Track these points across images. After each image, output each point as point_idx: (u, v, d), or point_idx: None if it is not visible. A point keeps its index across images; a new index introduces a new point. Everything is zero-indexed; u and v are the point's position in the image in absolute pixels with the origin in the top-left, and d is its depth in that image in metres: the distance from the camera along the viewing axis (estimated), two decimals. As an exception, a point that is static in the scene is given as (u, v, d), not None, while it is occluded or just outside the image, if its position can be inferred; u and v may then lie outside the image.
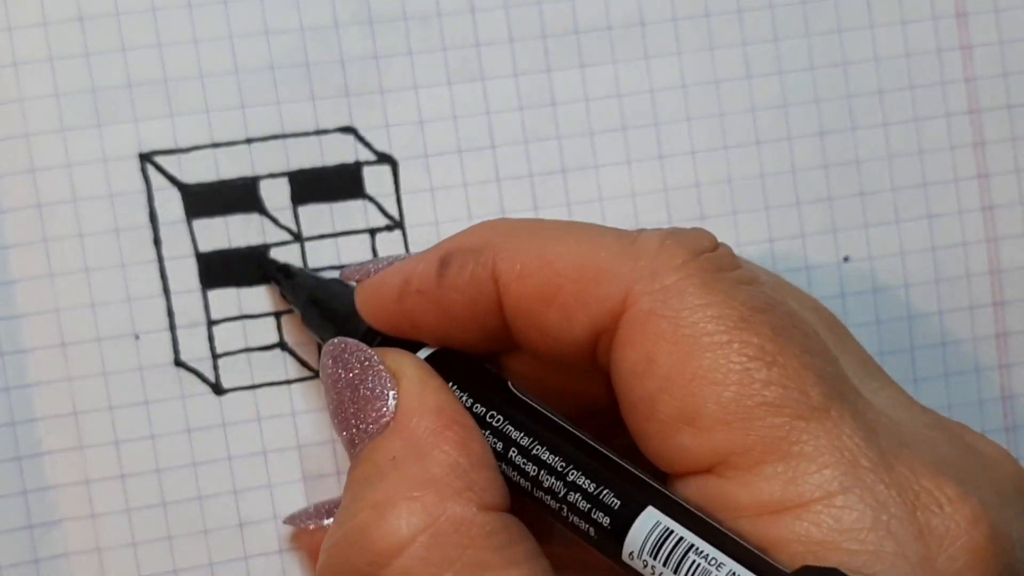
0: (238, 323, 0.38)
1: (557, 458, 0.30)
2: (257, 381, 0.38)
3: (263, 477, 0.38)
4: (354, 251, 0.38)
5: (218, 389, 0.38)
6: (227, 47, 0.38)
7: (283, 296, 0.38)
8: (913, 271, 0.41)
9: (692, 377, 0.28)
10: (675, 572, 0.27)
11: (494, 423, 0.31)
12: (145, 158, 0.38)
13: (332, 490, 0.38)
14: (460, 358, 0.32)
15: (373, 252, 0.38)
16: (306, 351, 0.38)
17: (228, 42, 0.38)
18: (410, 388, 0.30)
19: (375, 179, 0.39)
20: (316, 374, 0.38)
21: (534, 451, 0.30)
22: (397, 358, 0.31)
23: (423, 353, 0.32)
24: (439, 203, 0.39)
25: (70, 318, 0.37)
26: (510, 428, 0.30)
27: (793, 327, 0.29)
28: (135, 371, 0.37)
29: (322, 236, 0.38)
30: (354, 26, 0.38)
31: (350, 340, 0.32)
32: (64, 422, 0.37)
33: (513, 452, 0.30)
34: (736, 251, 0.39)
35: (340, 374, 0.31)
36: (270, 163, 0.38)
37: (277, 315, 0.38)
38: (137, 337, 0.37)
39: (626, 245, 0.30)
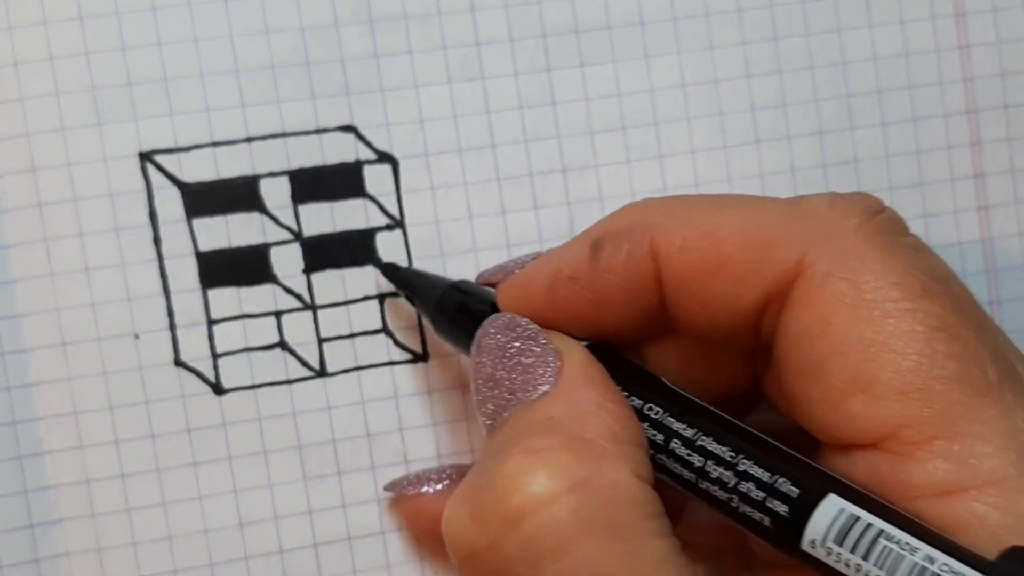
0: (238, 322, 0.38)
1: (726, 448, 0.29)
2: (257, 381, 0.38)
3: (263, 477, 0.38)
4: (355, 251, 0.38)
5: (218, 389, 0.38)
6: (227, 46, 0.38)
7: (411, 302, 0.37)
8: (910, 270, 0.41)
9: (871, 343, 0.27)
10: (864, 558, 0.26)
11: (652, 415, 0.30)
12: (145, 157, 0.37)
13: (333, 490, 0.38)
14: (614, 355, 0.32)
15: (373, 252, 0.38)
16: (307, 351, 0.38)
17: (228, 41, 0.38)
18: (574, 362, 0.30)
19: (376, 178, 0.39)
20: (316, 374, 0.38)
21: (699, 442, 0.29)
22: (562, 338, 0.31)
23: None
24: (439, 202, 0.39)
25: (70, 317, 0.37)
26: (671, 420, 0.30)
27: (970, 301, 0.29)
28: (135, 371, 0.37)
29: (322, 235, 0.38)
30: (354, 25, 0.38)
31: (517, 315, 0.32)
32: (64, 421, 0.37)
33: (676, 443, 0.30)
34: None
35: (503, 343, 0.31)
36: (270, 162, 0.38)
37: (277, 315, 0.38)
38: (137, 337, 0.37)
39: (792, 208, 0.30)
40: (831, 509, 0.27)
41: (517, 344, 0.31)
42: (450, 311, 0.35)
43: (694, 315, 0.30)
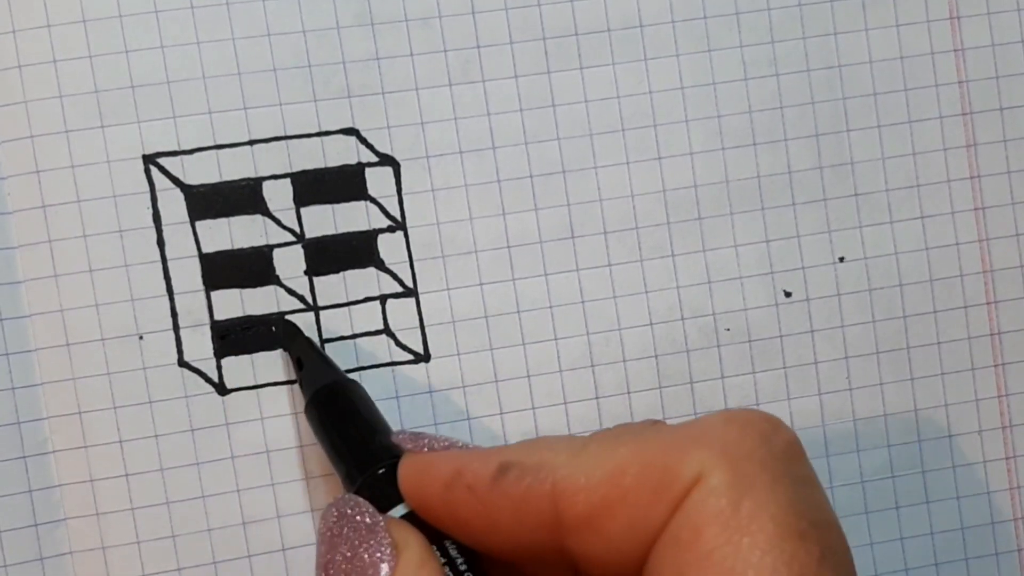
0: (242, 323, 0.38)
1: None
2: (260, 381, 0.38)
3: (266, 476, 0.38)
4: (357, 253, 0.39)
5: (221, 389, 0.38)
6: (229, 49, 0.38)
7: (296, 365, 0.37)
8: (907, 271, 0.41)
9: (731, 568, 0.27)
10: None
11: None
12: (148, 160, 0.38)
13: (335, 489, 0.38)
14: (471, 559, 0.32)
15: (375, 254, 0.39)
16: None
17: (230, 44, 0.38)
18: (408, 564, 0.30)
19: (377, 180, 0.39)
20: (319, 374, 0.39)
21: None
22: (404, 532, 0.31)
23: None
24: (440, 204, 0.39)
25: (75, 318, 0.37)
26: None
27: (841, 554, 0.29)
28: (139, 371, 0.38)
29: (325, 237, 0.39)
30: (355, 28, 0.39)
31: (362, 500, 0.32)
32: (69, 421, 0.37)
33: None
34: (733, 252, 0.40)
35: (343, 530, 0.31)
36: (273, 164, 0.38)
37: (279, 316, 0.38)
38: (141, 337, 0.38)
39: (688, 429, 0.30)
40: None
41: (357, 532, 0.31)
42: (341, 445, 0.35)
43: (598, 551, 0.30)
